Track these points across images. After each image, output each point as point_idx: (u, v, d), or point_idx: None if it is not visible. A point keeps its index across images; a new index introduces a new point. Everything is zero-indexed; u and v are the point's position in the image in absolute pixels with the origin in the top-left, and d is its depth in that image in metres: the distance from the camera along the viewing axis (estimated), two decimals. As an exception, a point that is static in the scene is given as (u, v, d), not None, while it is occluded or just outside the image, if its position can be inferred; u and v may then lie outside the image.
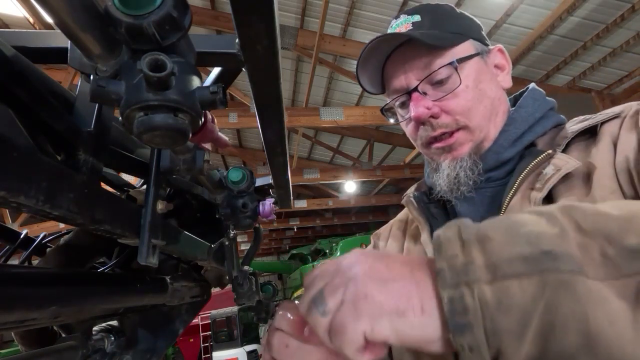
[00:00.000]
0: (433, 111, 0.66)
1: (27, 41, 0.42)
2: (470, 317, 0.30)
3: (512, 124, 0.68)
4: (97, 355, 0.66)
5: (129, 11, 0.28)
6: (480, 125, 0.67)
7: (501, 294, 0.30)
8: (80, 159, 0.38)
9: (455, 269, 0.32)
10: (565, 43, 4.49)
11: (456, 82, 0.66)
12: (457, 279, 0.32)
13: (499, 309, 0.30)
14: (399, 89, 0.70)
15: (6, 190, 0.26)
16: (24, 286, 0.36)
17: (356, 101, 6.35)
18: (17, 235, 0.65)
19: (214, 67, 0.52)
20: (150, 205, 0.45)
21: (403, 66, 0.69)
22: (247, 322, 9.02)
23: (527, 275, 0.30)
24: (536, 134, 0.66)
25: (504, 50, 0.74)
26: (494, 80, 0.71)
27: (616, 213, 0.32)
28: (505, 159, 0.66)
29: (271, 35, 0.29)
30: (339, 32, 4.99)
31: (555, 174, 0.56)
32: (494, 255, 0.32)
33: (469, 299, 0.31)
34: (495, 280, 0.31)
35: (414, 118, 0.67)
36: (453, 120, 0.66)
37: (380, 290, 0.33)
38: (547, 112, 0.69)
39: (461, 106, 0.66)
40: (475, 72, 0.68)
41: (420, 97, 0.67)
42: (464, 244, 0.33)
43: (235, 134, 8.34)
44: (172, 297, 0.69)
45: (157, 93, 0.29)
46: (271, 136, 0.49)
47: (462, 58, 0.66)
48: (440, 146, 0.68)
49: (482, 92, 0.67)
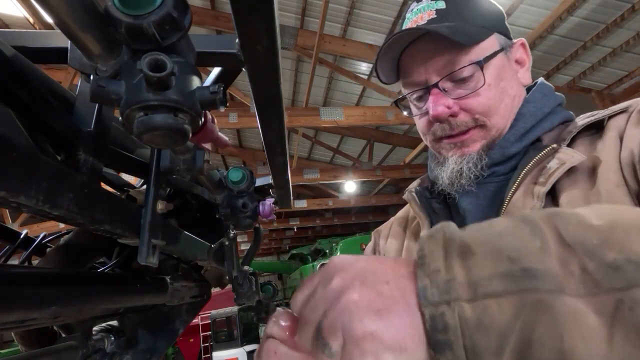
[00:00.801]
0: (453, 110, 0.64)
1: (27, 41, 0.42)
2: (450, 335, 0.30)
3: (520, 118, 0.66)
4: (97, 355, 0.66)
5: (129, 11, 0.28)
6: (497, 124, 0.65)
7: (480, 313, 0.30)
8: (80, 159, 0.38)
9: (437, 286, 0.31)
10: (565, 43, 4.49)
11: (480, 81, 0.63)
12: (439, 298, 0.31)
13: (478, 327, 0.29)
14: (417, 83, 0.67)
15: (6, 190, 0.26)
16: (24, 286, 0.36)
17: (356, 101, 6.35)
18: (17, 235, 0.64)
19: (214, 67, 0.52)
20: (150, 205, 0.45)
21: (423, 60, 0.66)
22: (247, 322, 9.02)
23: (506, 294, 0.29)
24: (543, 129, 0.65)
25: (526, 44, 0.71)
26: (515, 77, 0.68)
27: (598, 223, 0.31)
28: (510, 154, 0.64)
29: (271, 35, 0.29)
30: (339, 32, 4.99)
31: (560, 168, 0.55)
32: (474, 272, 0.31)
33: (449, 317, 0.30)
34: (475, 299, 0.30)
35: (433, 117, 0.64)
36: (471, 118, 0.64)
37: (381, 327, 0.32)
38: (556, 107, 0.67)
39: (482, 105, 0.64)
40: (498, 69, 0.65)
41: (441, 95, 0.64)
42: (447, 256, 0.33)
43: (235, 134, 8.34)
44: (172, 297, 0.69)
45: (157, 93, 0.29)
46: (271, 136, 0.49)
47: (488, 57, 0.63)
48: (454, 141, 0.66)
49: (503, 90, 0.65)
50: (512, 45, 0.69)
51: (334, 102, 6.52)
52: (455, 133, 0.65)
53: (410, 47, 0.67)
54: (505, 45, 0.67)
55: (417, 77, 0.67)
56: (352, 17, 4.69)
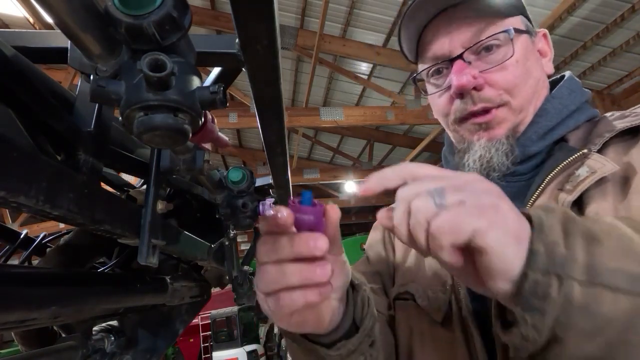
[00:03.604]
0: (478, 82, 0.60)
1: (27, 41, 0.42)
2: (546, 305, 0.31)
3: (543, 115, 0.61)
4: (97, 355, 0.66)
5: (129, 11, 0.28)
6: (521, 106, 0.61)
7: (591, 299, 0.30)
8: (80, 159, 0.38)
9: (552, 257, 0.32)
10: (565, 43, 4.49)
11: (508, 53, 0.59)
12: (550, 268, 0.32)
13: (582, 310, 0.30)
14: (439, 55, 0.63)
15: (6, 190, 0.26)
16: (24, 286, 0.36)
17: (356, 101, 6.35)
18: (17, 235, 0.65)
19: (214, 67, 0.52)
20: (150, 205, 0.45)
21: (448, 30, 0.61)
22: (247, 322, 9.02)
23: (626, 292, 0.30)
24: (568, 128, 0.60)
25: (548, 35, 0.69)
26: (539, 63, 0.65)
27: None
28: (531, 152, 0.60)
29: (271, 35, 0.29)
30: (339, 32, 4.99)
31: (589, 177, 0.50)
32: (598, 260, 0.32)
33: (553, 290, 0.31)
34: (591, 284, 0.31)
35: (457, 87, 0.59)
36: (497, 94, 0.60)
37: (513, 211, 0.34)
38: (583, 104, 0.63)
39: (508, 81, 0.60)
40: (525, 48, 0.62)
41: (465, 65, 0.60)
42: (566, 235, 0.33)
43: (235, 134, 8.34)
44: (172, 297, 0.69)
45: (157, 93, 0.29)
46: (271, 136, 0.49)
47: (518, 29, 0.60)
48: (478, 122, 0.62)
49: (529, 71, 0.61)
50: (535, 34, 0.67)
51: (334, 102, 6.52)
52: (479, 109, 0.61)
53: (434, 21, 0.64)
54: (531, 30, 0.65)
55: (439, 49, 0.63)
56: (352, 17, 4.69)
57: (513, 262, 0.33)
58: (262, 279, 0.40)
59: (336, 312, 0.48)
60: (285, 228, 0.39)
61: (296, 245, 0.38)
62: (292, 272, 0.38)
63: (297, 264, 0.38)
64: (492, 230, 0.33)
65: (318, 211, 0.40)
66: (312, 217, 0.39)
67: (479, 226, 0.33)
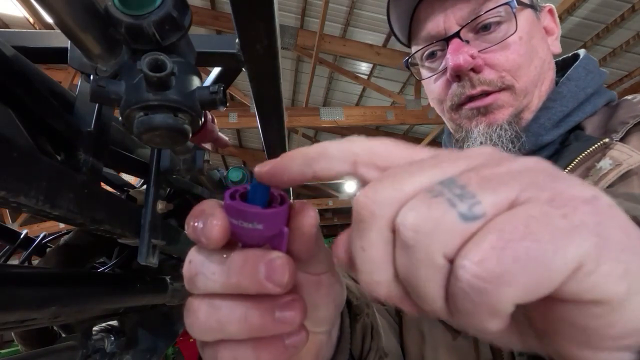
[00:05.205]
0: (476, 62, 0.54)
1: (27, 41, 0.42)
2: None
3: (557, 99, 0.55)
4: (97, 355, 0.66)
5: (129, 11, 0.28)
6: (526, 89, 0.55)
7: None
8: (80, 159, 0.38)
9: None
10: (566, 43, 4.43)
11: (510, 29, 0.53)
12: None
13: None
14: (434, 34, 0.57)
15: (6, 190, 0.26)
16: (24, 286, 0.36)
17: (356, 101, 6.35)
18: (17, 235, 0.64)
19: (214, 67, 0.52)
20: (150, 205, 0.45)
21: (443, 6, 0.55)
22: (247, 322, 9.02)
23: None
24: (585, 114, 0.54)
25: (554, 11, 0.63)
26: (545, 41, 0.59)
27: None
28: (545, 142, 0.54)
29: (271, 35, 0.29)
30: (339, 32, 4.99)
31: (614, 170, 0.44)
32: None
33: None
34: None
35: (454, 67, 0.53)
36: (498, 77, 0.54)
37: (618, 210, 0.17)
38: (600, 87, 0.57)
39: (510, 61, 0.54)
40: (530, 24, 0.56)
41: (462, 44, 0.54)
42: None
43: (235, 134, 8.34)
44: (172, 297, 0.69)
45: (157, 93, 0.29)
46: (271, 136, 0.49)
47: (521, 2, 0.54)
48: (476, 106, 0.55)
49: (534, 50, 0.55)
50: (540, 10, 0.61)
51: (334, 102, 6.52)
52: (478, 92, 0.55)
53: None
54: (536, 5, 0.59)
55: (434, 28, 0.56)
56: (352, 17, 4.69)
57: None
58: (189, 318, 0.23)
59: (324, 349, 0.33)
60: (206, 243, 0.22)
61: (233, 271, 0.22)
62: (229, 316, 0.22)
63: (238, 302, 0.22)
64: (609, 258, 0.15)
65: (277, 215, 0.23)
66: (263, 225, 0.22)
67: (579, 253, 0.15)
